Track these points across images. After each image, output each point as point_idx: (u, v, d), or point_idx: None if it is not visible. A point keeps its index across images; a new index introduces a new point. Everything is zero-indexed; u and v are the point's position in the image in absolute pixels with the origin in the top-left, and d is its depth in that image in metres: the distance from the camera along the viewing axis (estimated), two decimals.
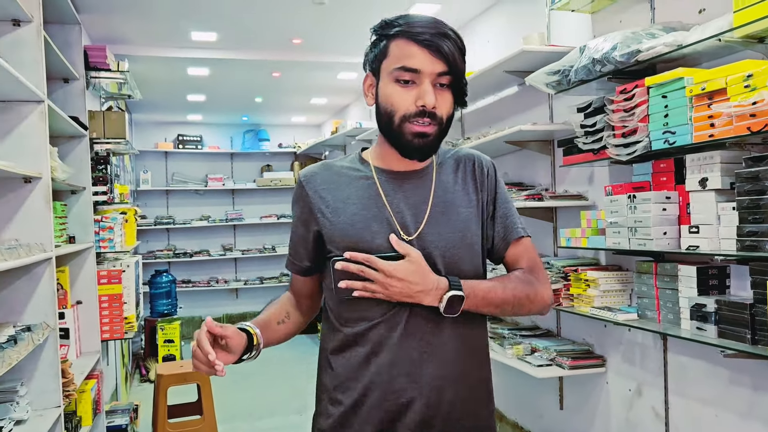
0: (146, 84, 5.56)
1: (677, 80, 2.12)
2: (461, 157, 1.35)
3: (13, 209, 2.31)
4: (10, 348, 1.97)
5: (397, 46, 1.19)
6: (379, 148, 1.31)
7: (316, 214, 1.28)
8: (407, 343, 1.21)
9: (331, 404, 1.27)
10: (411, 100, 1.18)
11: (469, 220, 1.28)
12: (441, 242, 1.24)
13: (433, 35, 1.16)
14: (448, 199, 1.28)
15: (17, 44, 2.32)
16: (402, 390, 1.21)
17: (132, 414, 3.95)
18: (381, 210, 1.24)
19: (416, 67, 1.16)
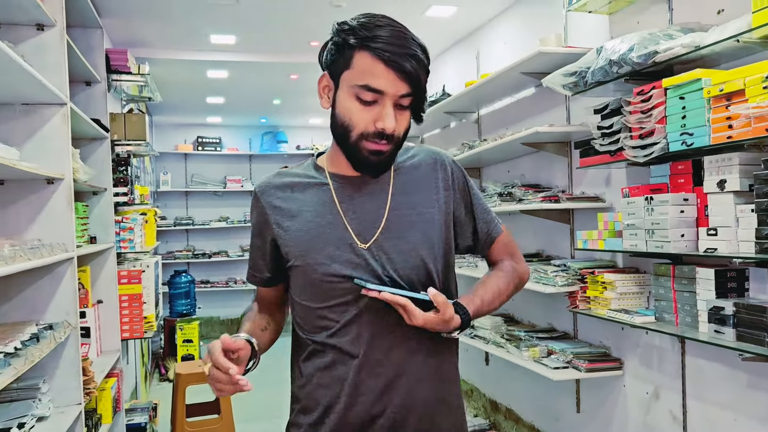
0: (166, 86, 5.63)
1: (695, 81, 2.10)
2: (422, 156, 1.32)
3: (36, 210, 2.36)
4: (33, 346, 2.02)
5: (361, 59, 1.13)
6: (333, 153, 1.28)
7: (271, 224, 1.26)
8: (374, 349, 1.20)
9: (303, 413, 1.26)
10: (370, 119, 1.15)
11: (432, 221, 1.26)
12: (402, 245, 1.21)
13: (399, 55, 1.11)
14: (408, 201, 1.25)
15: (41, 48, 2.37)
16: (371, 397, 1.19)
17: (151, 412, 4.01)
18: (335, 217, 1.22)
19: (380, 89, 1.13)
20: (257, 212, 1.29)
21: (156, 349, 6.63)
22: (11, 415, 2.03)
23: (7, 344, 1.87)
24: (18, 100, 2.31)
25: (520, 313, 3.84)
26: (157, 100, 4.59)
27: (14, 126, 2.33)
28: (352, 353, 1.20)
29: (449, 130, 4.85)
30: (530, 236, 3.69)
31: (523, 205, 3.18)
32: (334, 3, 3.76)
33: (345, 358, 1.20)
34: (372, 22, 1.15)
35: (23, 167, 1.97)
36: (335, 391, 1.21)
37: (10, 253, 1.83)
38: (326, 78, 1.22)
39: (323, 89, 1.23)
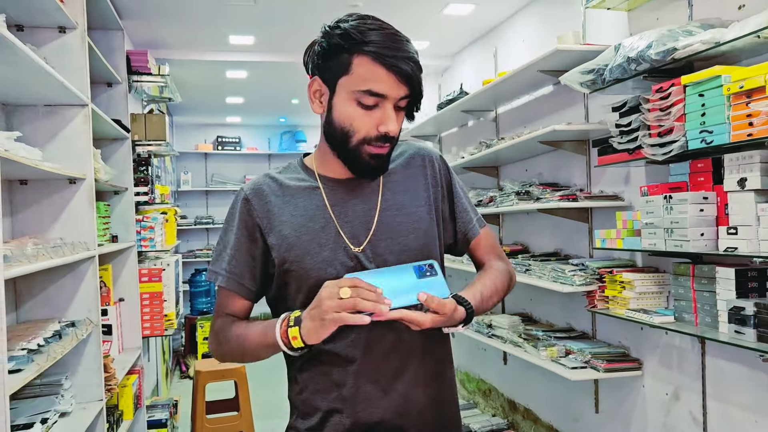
0: (186, 87, 5.69)
1: (714, 78, 2.07)
2: (410, 154, 1.32)
3: (58, 209, 2.40)
4: (55, 343, 2.06)
5: (361, 65, 1.12)
6: (323, 155, 1.27)
7: (263, 228, 1.23)
8: (370, 353, 1.19)
9: (301, 418, 1.25)
10: (372, 124, 1.14)
11: (422, 219, 1.26)
12: (395, 246, 1.21)
13: (398, 58, 1.11)
14: (398, 200, 1.26)
15: (63, 50, 2.41)
16: (370, 403, 1.19)
17: (172, 409, 4.06)
18: (328, 221, 1.21)
19: (383, 93, 1.13)
20: (247, 216, 1.24)
21: (177, 347, 6.71)
22: (35, 410, 2.07)
23: (31, 341, 1.91)
24: (41, 101, 2.35)
25: (538, 312, 3.82)
26: (177, 101, 4.65)
27: (37, 127, 2.38)
28: (348, 358, 1.19)
29: (467, 129, 4.83)
30: (548, 235, 3.67)
31: (541, 204, 3.17)
32: (351, 2, 3.77)
33: (341, 363, 1.19)
34: (365, 25, 1.13)
35: (46, 167, 2.01)
36: (333, 396, 1.20)
37: (33, 252, 1.87)
38: (317, 82, 1.20)
39: (314, 94, 1.22)
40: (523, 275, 3.39)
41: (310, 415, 1.23)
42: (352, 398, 1.19)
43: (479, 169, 4.27)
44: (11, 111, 2.36)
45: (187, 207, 7.95)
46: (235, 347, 1.24)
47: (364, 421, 1.19)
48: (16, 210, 2.36)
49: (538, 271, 3.27)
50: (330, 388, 1.21)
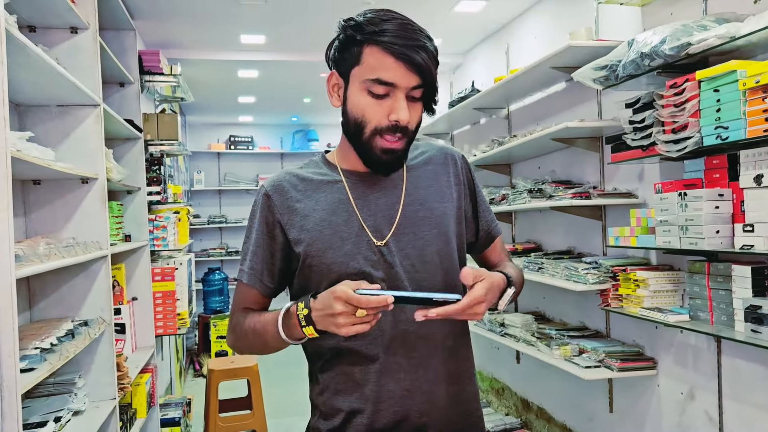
0: (198, 87, 5.72)
1: (730, 73, 2.04)
2: (432, 152, 1.33)
3: (71, 209, 2.41)
4: (68, 342, 2.07)
5: (371, 54, 1.13)
6: (344, 150, 1.27)
7: (284, 225, 1.23)
8: (392, 352, 1.19)
9: (323, 418, 1.25)
10: (383, 113, 1.14)
11: (445, 216, 1.26)
12: (417, 241, 1.21)
13: (408, 47, 1.11)
14: (421, 195, 1.25)
15: (75, 51, 2.42)
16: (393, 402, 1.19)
17: (185, 407, 4.08)
18: (351, 215, 1.21)
19: (391, 81, 1.12)
20: (267, 213, 1.25)
21: (190, 346, 6.74)
22: (48, 409, 2.08)
23: (44, 340, 1.93)
24: (53, 102, 2.37)
25: (551, 311, 3.79)
26: (190, 100, 4.66)
27: (50, 127, 2.39)
28: (370, 356, 1.19)
29: (479, 126, 4.81)
30: (561, 233, 3.64)
31: (554, 202, 3.14)
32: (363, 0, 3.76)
33: (363, 362, 1.19)
34: (378, 17, 1.15)
35: (58, 167, 2.02)
36: (355, 396, 1.20)
37: (45, 251, 1.88)
38: (335, 76, 1.22)
39: (332, 87, 1.23)
40: (536, 274, 3.37)
41: (332, 416, 1.23)
42: (374, 397, 1.19)
43: (491, 167, 4.25)
44: (24, 111, 2.37)
45: (200, 206, 7.99)
46: (252, 340, 1.25)
47: (387, 420, 1.19)
48: (30, 210, 2.38)
49: (551, 270, 3.24)
50: (352, 387, 1.20)
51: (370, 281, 1.15)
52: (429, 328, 1.16)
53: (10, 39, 1.55)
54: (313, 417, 1.29)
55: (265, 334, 1.20)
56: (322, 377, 1.25)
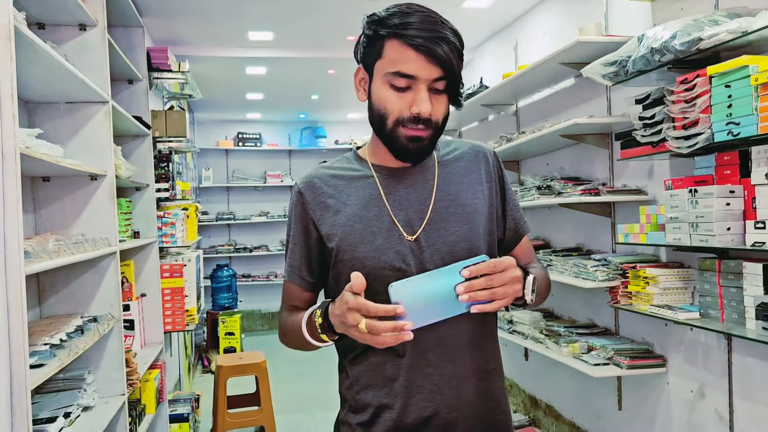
0: (206, 83, 5.73)
1: (742, 68, 2.02)
2: (465, 149, 1.33)
3: (80, 206, 2.42)
4: (78, 338, 2.08)
5: (392, 48, 1.14)
6: (375, 145, 1.28)
7: (316, 221, 1.25)
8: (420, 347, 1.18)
9: (353, 412, 1.25)
10: (405, 105, 1.15)
11: (476, 212, 1.26)
12: (448, 237, 1.21)
13: (429, 39, 1.11)
14: (453, 191, 1.25)
15: (83, 48, 2.43)
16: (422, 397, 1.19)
17: (194, 403, 4.09)
18: (382, 210, 1.22)
19: (412, 74, 1.13)
20: (301, 210, 1.27)
21: (199, 342, 6.77)
22: (58, 404, 2.09)
23: (53, 336, 1.93)
24: (62, 99, 2.37)
25: (560, 308, 3.78)
26: (198, 97, 4.67)
27: (59, 124, 2.40)
28: (398, 351, 1.19)
29: (487, 123, 4.79)
30: (570, 230, 3.63)
31: (563, 199, 3.12)
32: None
33: (393, 356, 1.20)
34: (400, 10, 1.15)
35: (67, 164, 2.02)
36: (385, 392, 1.20)
37: (55, 248, 1.88)
38: (361, 71, 1.24)
39: (359, 82, 1.25)
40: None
41: (361, 410, 1.23)
42: (404, 392, 1.19)
43: None
44: (33, 108, 2.38)
45: (208, 203, 8.01)
46: (293, 338, 1.26)
47: (417, 415, 1.19)
48: (39, 206, 2.39)
49: (560, 267, 3.23)
50: (382, 382, 1.21)
51: (401, 275, 1.14)
52: (458, 323, 1.16)
53: (19, 36, 1.55)
54: (342, 410, 1.30)
55: (300, 335, 1.21)
56: (352, 371, 1.25)
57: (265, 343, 7.24)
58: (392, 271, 1.18)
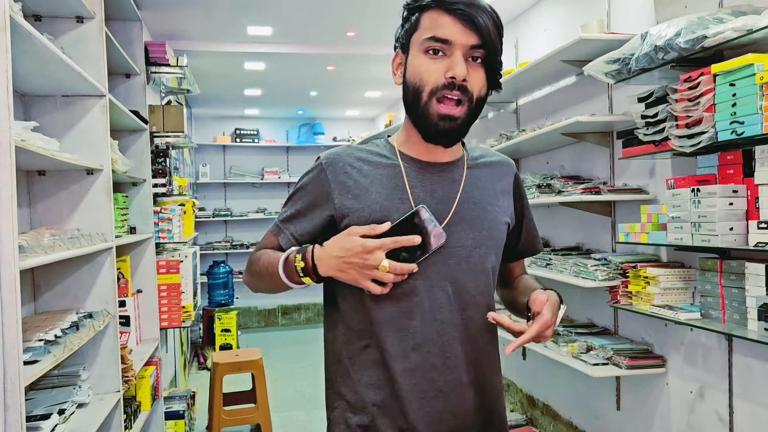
0: (204, 78, 5.69)
1: (746, 67, 2.00)
2: (493, 158, 1.33)
3: (76, 200, 2.40)
4: (73, 334, 2.05)
5: (428, 17, 1.13)
6: (405, 133, 1.25)
7: (333, 200, 1.20)
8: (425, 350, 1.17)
9: (351, 412, 1.21)
10: (440, 71, 1.12)
11: (496, 220, 1.25)
12: (467, 240, 1.19)
13: (467, 5, 1.10)
14: (477, 195, 1.23)
15: (80, 40, 2.40)
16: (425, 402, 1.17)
17: (189, 400, 4.07)
18: (404, 201, 1.18)
19: (447, 38, 1.11)
20: (318, 184, 1.22)
21: (195, 339, 6.74)
22: (52, 401, 2.07)
23: (48, 332, 1.91)
24: (59, 92, 2.35)
25: None
26: (196, 92, 4.64)
27: (55, 117, 2.37)
28: (402, 352, 1.17)
29: (487, 121, 4.77)
30: (570, 229, 3.61)
31: (563, 197, 3.11)
32: None
33: (397, 358, 1.17)
34: None
35: (63, 158, 2.00)
36: (387, 393, 1.18)
37: (50, 243, 1.86)
38: (399, 55, 1.22)
39: (396, 67, 1.23)
40: (544, 270, 3.34)
41: (361, 409, 1.20)
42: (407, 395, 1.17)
43: None
44: (29, 101, 2.35)
45: (205, 199, 7.98)
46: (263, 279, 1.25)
47: (419, 419, 1.17)
48: (35, 200, 2.36)
49: (560, 266, 3.21)
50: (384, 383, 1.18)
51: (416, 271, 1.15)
52: (465, 328, 1.17)
53: (15, 27, 1.52)
54: (337, 410, 1.24)
55: (273, 275, 1.19)
56: (353, 370, 1.21)
57: (262, 341, 7.22)
58: None
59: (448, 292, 1.17)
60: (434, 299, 1.16)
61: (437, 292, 1.17)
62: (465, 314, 1.19)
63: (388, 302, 1.16)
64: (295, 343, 7.19)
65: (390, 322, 1.17)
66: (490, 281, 1.24)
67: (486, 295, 1.22)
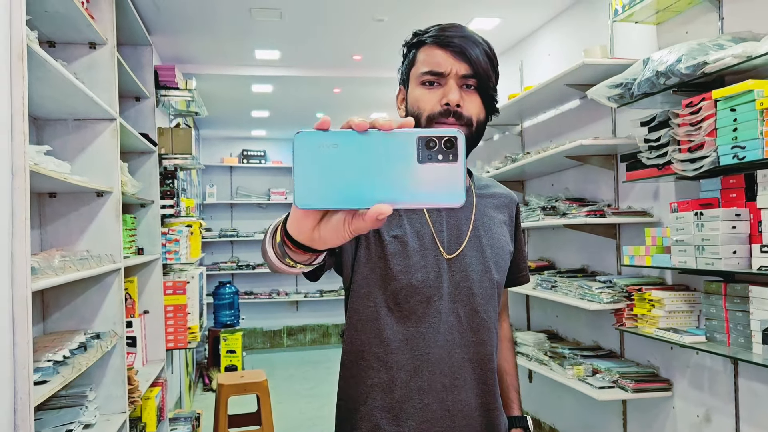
0: (212, 101, 5.76)
1: (747, 93, 2.03)
2: (498, 190, 1.37)
3: (85, 222, 2.43)
4: (81, 354, 2.07)
5: (424, 52, 1.20)
6: None
7: None
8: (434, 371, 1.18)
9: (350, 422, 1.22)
10: (436, 100, 1.18)
11: (502, 249, 1.28)
12: (479, 265, 1.22)
13: (458, 38, 1.17)
14: (487, 223, 1.28)
15: (92, 66, 2.45)
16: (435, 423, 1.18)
17: (194, 422, 4.05)
18: (424, 226, 1.21)
19: (441, 70, 1.17)
20: None
21: (200, 359, 6.73)
22: (60, 421, 2.08)
23: (56, 352, 1.93)
24: (71, 116, 2.39)
25: (564, 329, 3.76)
26: (204, 115, 4.70)
27: (67, 141, 2.41)
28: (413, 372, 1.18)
29: (492, 143, 4.81)
30: (574, 251, 3.62)
31: (567, 220, 3.12)
32: (377, 17, 3.79)
33: (406, 378, 1.18)
34: (436, 26, 1.22)
35: (74, 181, 2.03)
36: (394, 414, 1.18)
37: (60, 264, 1.88)
38: (401, 90, 1.28)
39: (400, 101, 1.29)
40: (549, 292, 3.34)
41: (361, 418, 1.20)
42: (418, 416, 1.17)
43: (504, 184, 4.19)
44: (42, 125, 2.40)
45: (212, 219, 8.02)
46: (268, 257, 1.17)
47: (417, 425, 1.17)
48: (45, 222, 2.39)
49: (565, 288, 3.22)
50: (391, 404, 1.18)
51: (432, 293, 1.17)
52: (475, 350, 1.20)
53: (31, 55, 1.57)
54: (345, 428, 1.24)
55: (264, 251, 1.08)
56: (359, 391, 1.21)
57: (267, 362, 7.21)
58: (425, 286, 1.17)
59: (460, 314, 1.20)
60: (449, 322, 1.19)
61: (451, 315, 1.19)
62: (475, 337, 1.21)
63: (406, 321, 1.18)
64: (301, 364, 7.17)
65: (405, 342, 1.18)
66: (497, 306, 1.27)
67: (494, 319, 1.25)
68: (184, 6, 3.51)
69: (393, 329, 1.19)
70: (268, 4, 3.59)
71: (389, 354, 1.19)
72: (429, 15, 3.73)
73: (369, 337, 1.21)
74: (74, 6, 2.06)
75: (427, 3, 3.61)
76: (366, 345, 1.21)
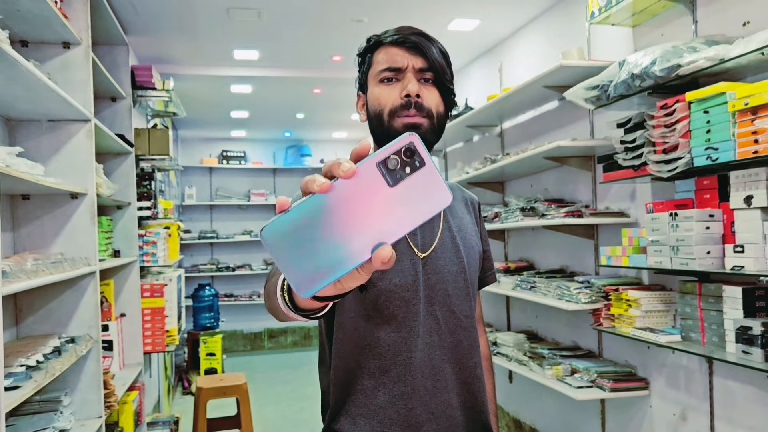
0: (191, 101, 5.71)
1: (719, 95, 2.06)
2: (457, 191, 1.39)
3: (60, 224, 2.39)
4: (55, 359, 2.04)
5: (380, 53, 1.24)
6: None
7: None
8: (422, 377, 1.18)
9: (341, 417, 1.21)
10: (396, 94, 1.20)
11: (473, 248, 1.30)
12: (451, 266, 1.23)
13: (412, 35, 1.21)
14: (457, 224, 1.29)
15: (66, 66, 2.42)
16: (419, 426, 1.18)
17: (173, 426, 4.01)
18: None
19: (398, 65, 1.20)
20: None
21: (179, 362, 6.66)
22: (33, 427, 2.04)
23: (30, 357, 1.90)
24: (44, 116, 2.36)
25: (544, 330, 3.78)
26: (182, 115, 4.66)
27: (40, 142, 2.38)
28: (397, 376, 1.17)
29: (472, 144, 4.83)
30: (553, 252, 3.64)
31: (546, 220, 3.14)
32: (356, 18, 3.79)
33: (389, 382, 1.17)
34: (389, 30, 1.26)
35: (47, 183, 2.00)
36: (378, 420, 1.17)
37: (33, 268, 1.85)
38: (361, 97, 1.30)
39: (360, 107, 1.31)
40: (528, 293, 3.36)
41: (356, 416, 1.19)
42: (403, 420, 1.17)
43: (484, 185, 4.26)
44: (15, 126, 2.36)
45: (191, 221, 7.95)
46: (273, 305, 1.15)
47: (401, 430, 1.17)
48: (18, 225, 2.35)
49: (544, 289, 3.24)
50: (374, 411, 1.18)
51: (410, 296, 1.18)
52: (454, 350, 1.20)
53: (2, 54, 1.54)
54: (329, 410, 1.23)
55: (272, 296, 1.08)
56: (342, 398, 1.21)
57: (247, 365, 7.16)
58: (403, 289, 1.17)
59: (438, 316, 1.21)
60: (427, 324, 1.19)
61: (429, 317, 1.20)
62: (453, 338, 1.22)
63: (386, 326, 1.18)
64: (282, 367, 7.14)
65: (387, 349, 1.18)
66: (473, 305, 1.28)
67: (470, 318, 1.26)
68: (161, 6, 3.48)
69: (374, 336, 1.19)
70: (246, 4, 3.57)
71: (371, 360, 1.19)
72: (408, 16, 3.73)
73: (351, 348, 1.20)
74: (47, 5, 2.03)
75: (406, 4, 3.62)
76: (350, 355, 1.20)
